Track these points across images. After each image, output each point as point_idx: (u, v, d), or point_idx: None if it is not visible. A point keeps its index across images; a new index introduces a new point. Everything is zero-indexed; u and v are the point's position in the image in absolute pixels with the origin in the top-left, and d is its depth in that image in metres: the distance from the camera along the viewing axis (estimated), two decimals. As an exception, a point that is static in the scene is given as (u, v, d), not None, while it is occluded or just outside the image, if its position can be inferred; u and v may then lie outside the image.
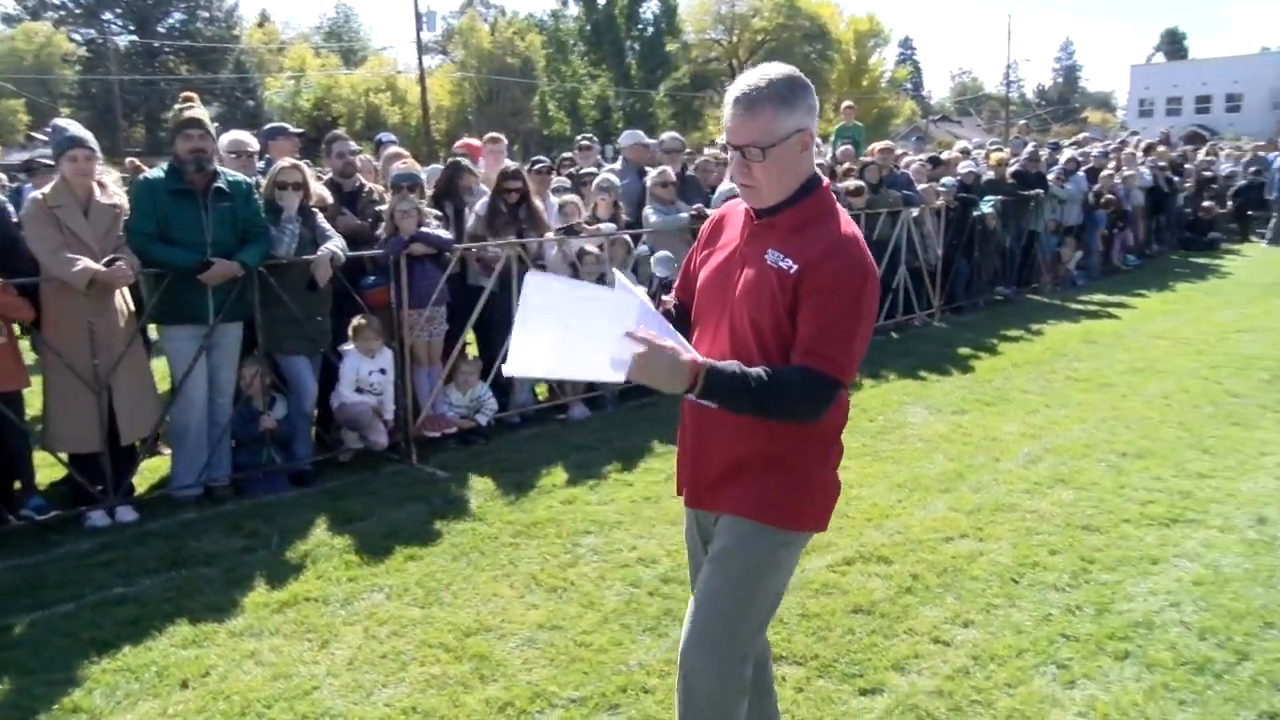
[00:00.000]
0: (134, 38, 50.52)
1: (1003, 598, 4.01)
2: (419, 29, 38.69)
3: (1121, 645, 3.58)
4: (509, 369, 2.17)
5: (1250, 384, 7.32)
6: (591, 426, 6.78)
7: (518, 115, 51.33)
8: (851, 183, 9.54)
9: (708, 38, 57.17)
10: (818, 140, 2.35)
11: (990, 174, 11.79)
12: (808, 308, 2.17)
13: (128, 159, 13.99)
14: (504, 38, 53.25)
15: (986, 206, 10.82)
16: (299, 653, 3.70)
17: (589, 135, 9.76)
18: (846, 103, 14.53)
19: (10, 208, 5.45)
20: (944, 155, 12.39)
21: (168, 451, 5.79)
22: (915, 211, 9.90)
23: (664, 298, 2.60)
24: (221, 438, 5.38)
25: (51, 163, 5.51)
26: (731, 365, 2.15)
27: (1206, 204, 16.93)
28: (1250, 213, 17.92)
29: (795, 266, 2.19)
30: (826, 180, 2.32)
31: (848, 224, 2.26)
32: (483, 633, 3.83)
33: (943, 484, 5.39)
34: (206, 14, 52.25)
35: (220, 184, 5.27)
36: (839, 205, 2.32)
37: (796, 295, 2.18)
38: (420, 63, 39.06)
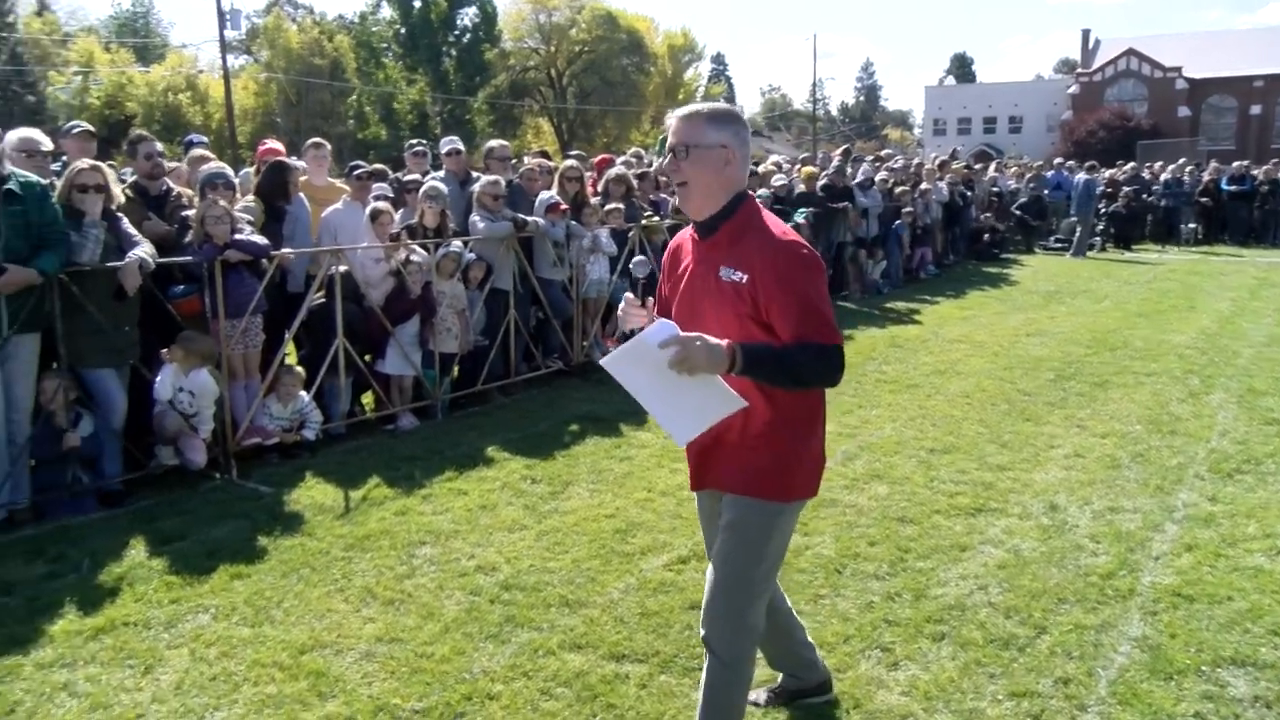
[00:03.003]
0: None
1: (828, 588, 4.22)
2: (222, 27, 36.86)
3: (938, 627, 3.84)
4: (682, 442, 2.68)
5: (1039, 383, 7.97)
6: (420, 436, 6.68)
7: (328, 119, 49.74)
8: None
9: (525, 46, 57.11)
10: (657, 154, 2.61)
11: (801, 187, 12.37)
12: (776, 307, 2.48)
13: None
14: (311, 38, 51.48)
15: (799, 217, 11.31)
16: (119, 680, 3.49)
17: (421, 141, 9.57)
18: (669, 114, 14.87)
19: None
20: (759, 168, 12.87)
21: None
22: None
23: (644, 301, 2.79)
24: (19, 457, 4.99)
25: None
26: (763, 344, 2.47)
27: (985, 215, 18.27)
28: (1035, 223, 19.49)
29: (745, 276, 2.52)
30: (752, 194, 2.68)
31: (777, 226, 2.60)
32: (318, 649, 3.72)
33: (769, 483, 5.60)
34: (-28, -1, 47.96)
35: (10, 186, 4.90)
36: (766, 212, 2.67)
37: (755, 301, 2.51)
38: (224, 62, 37.20)
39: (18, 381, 5.02)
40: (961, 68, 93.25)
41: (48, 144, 5.84)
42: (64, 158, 6.42)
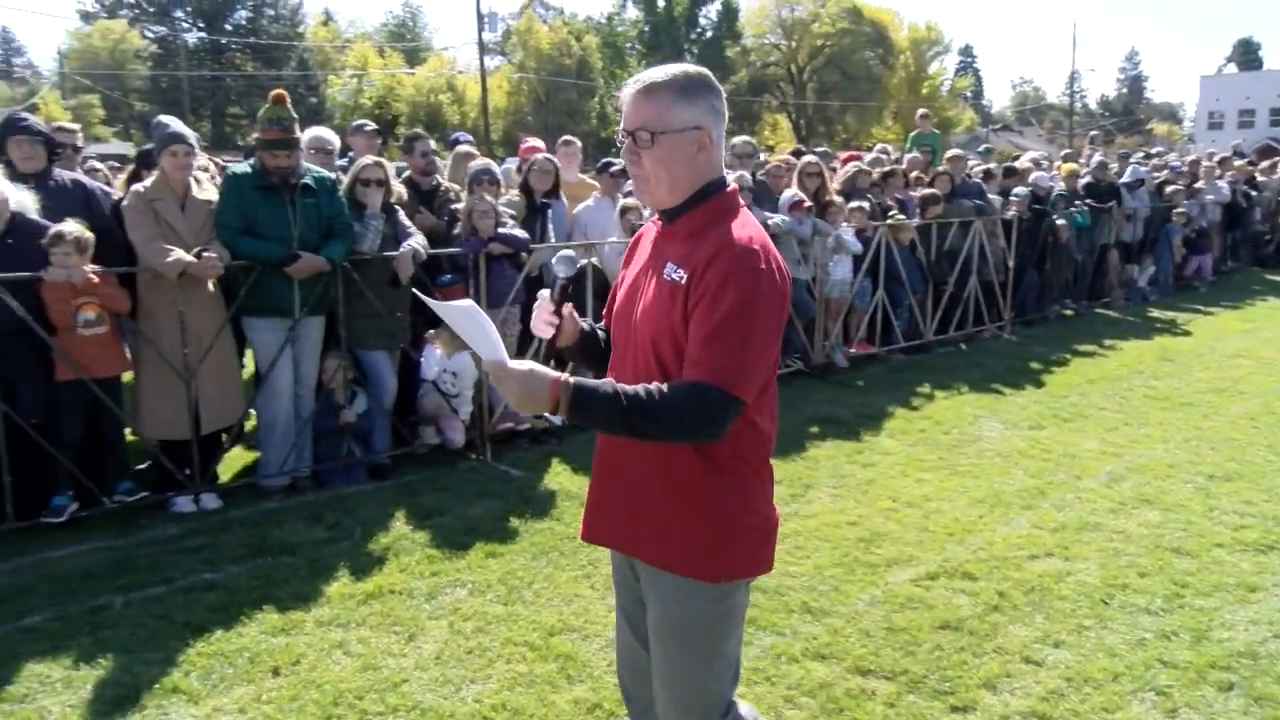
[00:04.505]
0: (203, 34, 51.59)
1: (1093, 619, 3.92)
2: (480, 29, 39.08)
3: (1224, 675, 3.48)
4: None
5: (1339, 408, 7.11)
6: (661, 430, 6.75)
7: (574, 117, 51.56)
8: (925, 191, 9.43)
9: (766, 42, 56.96)
10: (832, 153, 2.27)
11: (1061, 185, 11.61)
12: (695, 315, 1.98)
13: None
14: (561, 39, 53.53)
15: (1060, 219, 10.60)
16: (386, 645, 3.73)
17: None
18: (922, 110, 14.39)
19: (111, 196, 5.56)
20: (1017, 164, 12.19)
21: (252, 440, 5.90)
22: (987, 222, 9.76)
23: (561, 305, 2.32)
24: (304, 430, 5.46)
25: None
26: (604, 383, 1.98)
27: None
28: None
29: (685, 276, 2.01)
30: (733, 185, 2.16)
31: (748, 226, 2.06)
32: (567, 632, 3.83)
33: (1024, 501, 5.29)
34: (272, 11, 53.24)
35: (306, 180, 5.34)
36: (746, 210, 2.15)
37: (685, 309, 2.01)
38: (482, 63, 39.42)
39: (305, 360, 5.48)
40: (1247, 54, 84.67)
41: (335, 142, 6.35)
42: (350, 154, 6.95)
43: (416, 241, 5.73)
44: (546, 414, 1.98)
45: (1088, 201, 11.34)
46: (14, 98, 46.92)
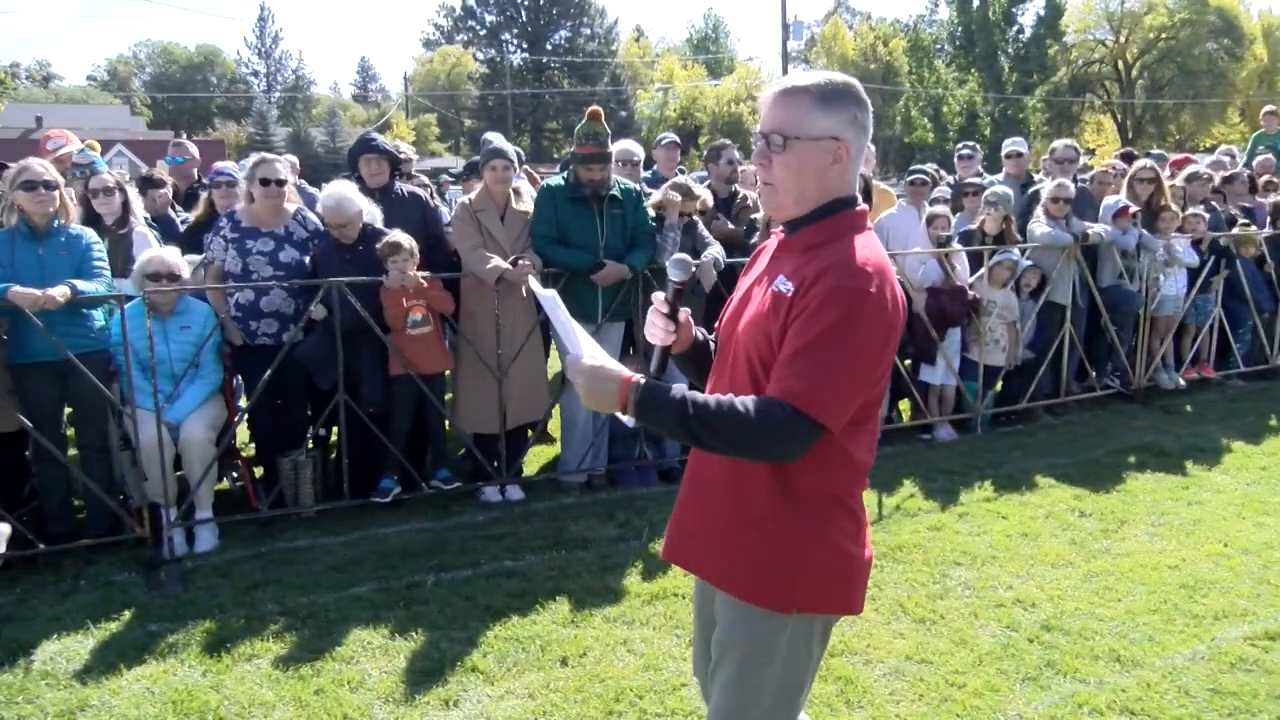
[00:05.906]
0: (526, 55, 55.57)
1: None
2: (785, 39, 39.20)
3: None
4: None
5: None
6: (958, 450, 6.45)
7: (877, 123, 50.38)
8: (1276, 198, 8.36)
9: (1090, 38, 52.90)
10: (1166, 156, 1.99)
11: None
12: (791, 331, 1.89)
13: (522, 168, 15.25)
14: (867, 44, 52.57)
15: None
16: (668, 647, 3.81)
17: (970, 144, 9.28)
18: (1268, 107, 12.74)
19: (442, 210, 6.10)
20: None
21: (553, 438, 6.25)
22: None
23: (676, 310, 2.18)
24: (600, 431, 5.70)
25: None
26: (676, 387, 1.90)
27: None
28: None
29: (793, 288, 1.91)
30: (864, 206, 2.04)
31: (869, 248, 1.94)
32: (848, 655, 3.73)
33: (1395, 558, 4.55)
34: (588, 30, 56.36)
35: (614, 191, 5.57)
36: (871, 232, 2.02)
37: (786, 320, 1.91)
38: (785, 72, 39.54)
39: (605, 364, 5.72)
40: None
41: (640, 154, 6.59)
42: (654, 166, 7.19)
43: (715, 251, 5.82)
44: (618, 414, 1.96)
45: None
46: (369, 119, 52.95)
